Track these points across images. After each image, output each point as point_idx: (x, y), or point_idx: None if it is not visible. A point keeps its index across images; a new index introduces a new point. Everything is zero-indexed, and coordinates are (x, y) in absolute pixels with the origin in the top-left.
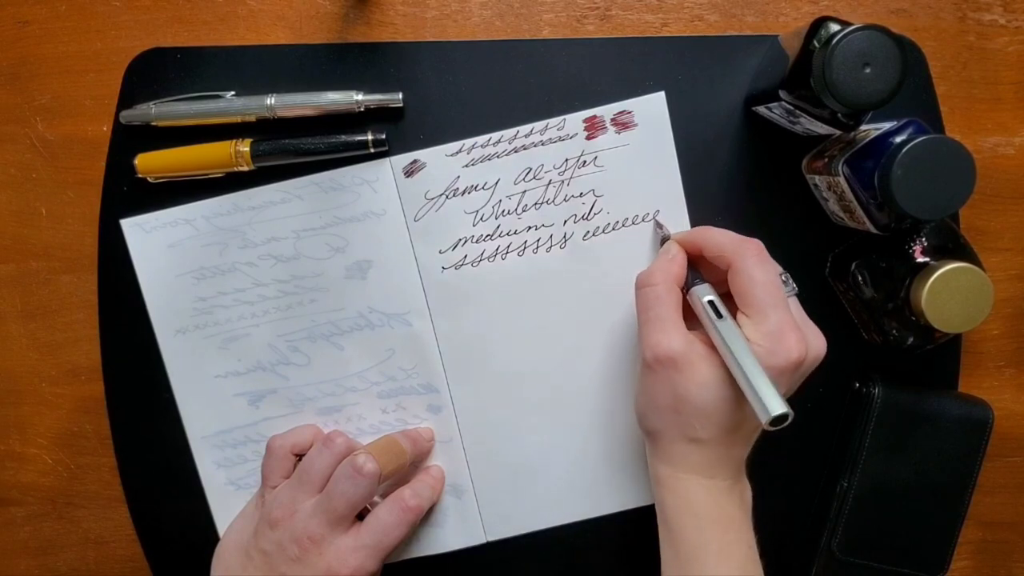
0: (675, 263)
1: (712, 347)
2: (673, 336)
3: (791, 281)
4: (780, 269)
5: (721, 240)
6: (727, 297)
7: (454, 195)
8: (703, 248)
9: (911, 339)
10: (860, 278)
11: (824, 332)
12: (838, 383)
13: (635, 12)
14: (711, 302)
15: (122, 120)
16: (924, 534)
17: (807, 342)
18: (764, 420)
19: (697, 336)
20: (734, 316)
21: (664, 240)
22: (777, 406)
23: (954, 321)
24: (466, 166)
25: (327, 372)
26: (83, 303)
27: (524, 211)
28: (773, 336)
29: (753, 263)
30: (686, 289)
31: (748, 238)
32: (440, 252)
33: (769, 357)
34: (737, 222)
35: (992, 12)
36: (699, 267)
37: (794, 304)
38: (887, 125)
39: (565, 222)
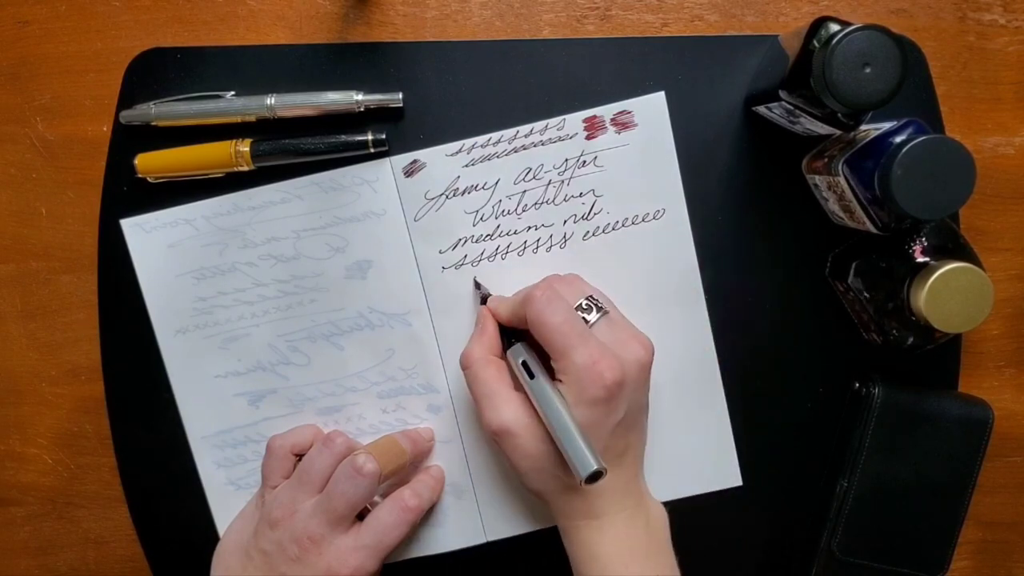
0: (486, 335)
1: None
2: (501, 410)
3: (598, 302)
4: (584, 294)
5: (513, 301)
6: None
7: (454, 195)
8: (504, 320)
9: (911, 339)
10: (860, 278)
11: (824, 332)
12: (838, 383)
13: (635, 12)
14: (524, 363)
15: (122, 120)
16: (924, 534)
17: (621, 360)
18: (579, 480)
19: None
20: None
21: (483, 300)
22: (586, 466)
23: (954, 321)
24: (466, 166)
25: (327, 372)
26: (83, 303)
27: (524, 211)
28: (582, 372)
29: (540, 309)
30: (504, 352)
31: (536, 284)
32: (440, 252)
33: (584, 393)
34: (737, 222)
35: (992, 12)
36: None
37: (605, 324)
38: (887, 125)
39: (565, 222)
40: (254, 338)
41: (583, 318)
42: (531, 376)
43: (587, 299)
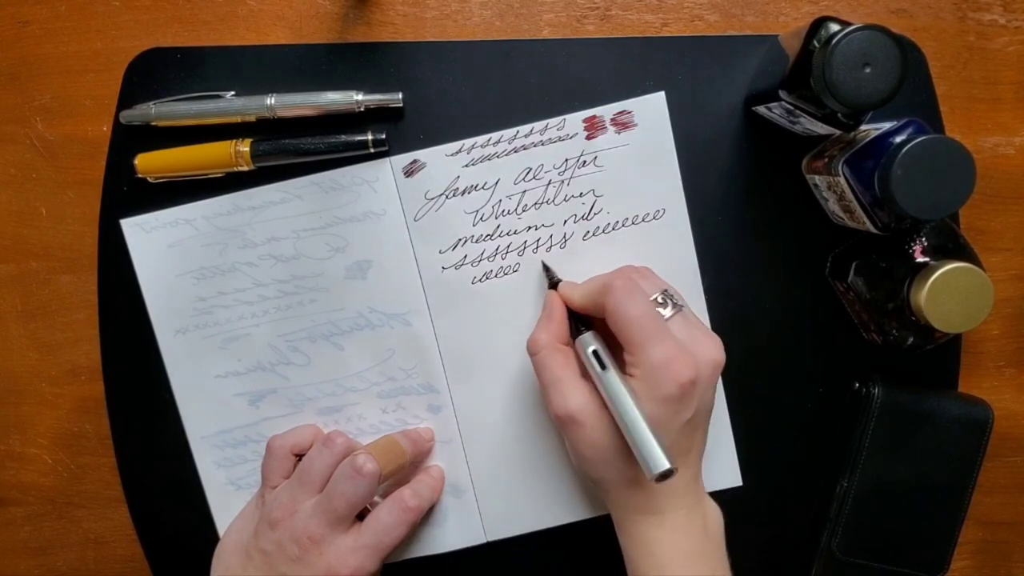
0: (554, 321)
1: None
2: (567, 396)
3: (673, 298)
4: (660, 288)
5: (589, 288)
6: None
7: (454, 195)
8: (577, 307)
9: (911, 339)
10: (860, 278)
11: (824, 332)
12: (838, 383)
13: (635, 12)
14: (595, 352)
15: (122, 120)
16: (924, 534)
17: (696, 359)
18: (649, 478)
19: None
20: (623, 357)
21: (552, 285)
22: (657, 464)
23: (954, 321)
24: (466, 166)
25: (327, 372)
26: (83, 303)
27: (524, 211)
28: (657, 369)
29: (621, 299)
30: (573, 339)
31: (614, 273)
32: (440, 252)
33: (657, 389)
34: (737, 222)
35: (992, 12)
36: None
37: (680, 320)
38: (887, 125)
39: (565, 222)
40: (254, 338)
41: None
42: (602, 367)
43: (663, 293)
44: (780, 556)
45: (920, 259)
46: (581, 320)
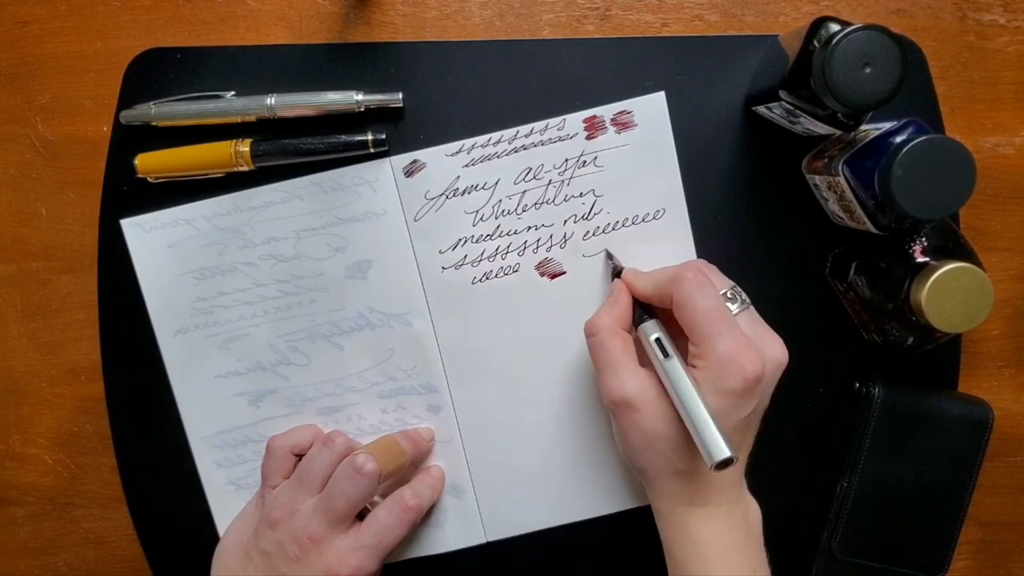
0: (618, 306)
1: None
2: (624, 380)
3: (741, 295)
4: (728, 284)
5: (657, 278)
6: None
7: (454, 195)
8: (641, 295)
9: (911, 339)
10: (860, 278)
11: (824, 332)
12: (838, 383)
13: (635, 12)
14: (658, 340)
15: (122, 120)
16: (924, 534)
17: (763, 355)
18: (709, 465)
19: (653, 371)
20: (686, 347)
21: (615, 272)
22: (718, 452)
23: (954, 321)
24: (466, 166)
25: (327, 372)
26: (83, 303)
27: (524, 211)
28: (724, 362)
29: (691, 291)
30: (635, 326)
31: (687, 263)
32: (440, 252)
33: (721, 382)
34: (737, 222)
35: (992, 12)
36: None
37: (747, 317)
38: (887, 125)
39: (565, 222)
40: (254, 338)
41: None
42: (665, 355)
43: (731, 289)
44: (780, 556)
45: (920, 259)
46: (644, 309)
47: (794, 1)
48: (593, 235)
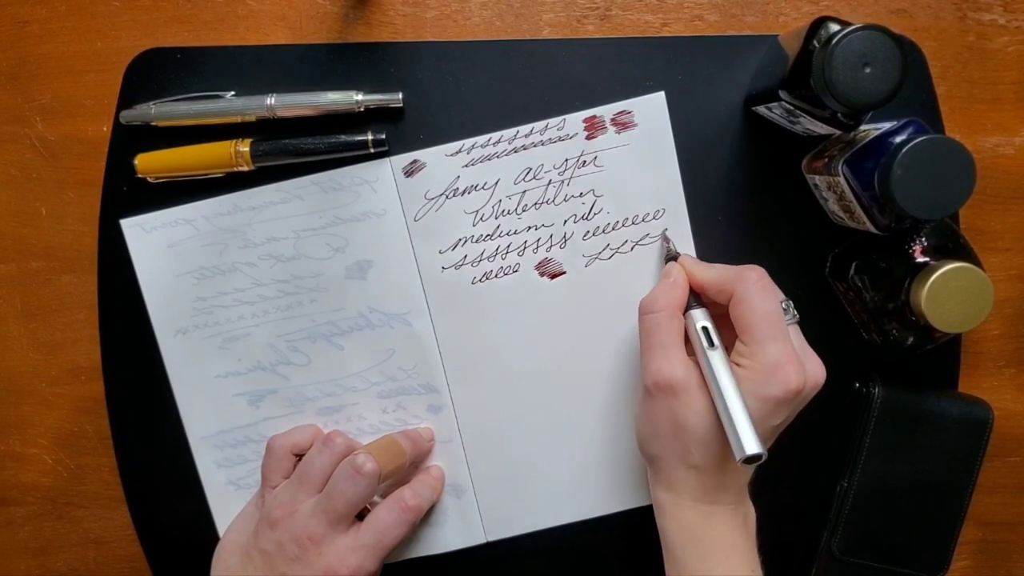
0: (677, 287)
1: None
2: (674, 363)
3: (792, 309)
4: (782, 296)
5: (720, 271)
6: (726, 319)
7: (454, 195)
8: (703, 286)
9: (911, 339)
10: (860, 278)
11: (824, 332)
12: (838, 383)
13: (635, 12)
14: (705, 328)
15: (122, 120)
16: (924, 534)
17: (806, 372)
18: (738, 457)
19: (696, 362)
20: (732, 344)
21: (669, 257)
22: (751, 446)
23: (954, 321)
24: (466, 166)
25: (327, 372)
26: (83, 303)
27: (524, 211)
28: (770, 367)
29: (754, 292)
30: (684, 312)
31: (750, 265)
32: (440, 252)
33: (763, 386)
34: (737, 222)
35: (992, 12)
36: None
37: (795, 332)
38: (887, 125)
39: (565, 222)
40: (254, 338)
41: None
42: (710, 344)
43: (785, 301)
44: (780, 556)
45: (920, 259)
46: (694, 296)
47: (794, 1)
48: (593, 235)
